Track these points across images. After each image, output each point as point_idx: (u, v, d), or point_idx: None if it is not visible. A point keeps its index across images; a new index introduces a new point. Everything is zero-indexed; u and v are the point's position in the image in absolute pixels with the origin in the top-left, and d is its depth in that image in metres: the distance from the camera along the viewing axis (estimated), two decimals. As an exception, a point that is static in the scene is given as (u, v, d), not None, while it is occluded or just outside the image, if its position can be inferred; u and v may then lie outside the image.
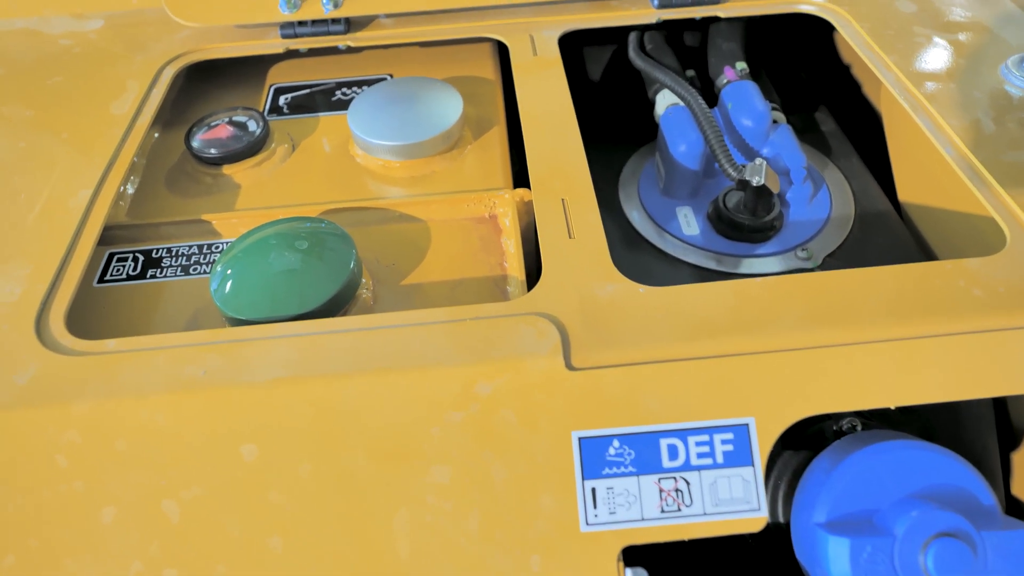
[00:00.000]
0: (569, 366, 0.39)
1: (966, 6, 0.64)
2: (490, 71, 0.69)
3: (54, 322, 0.43)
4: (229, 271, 0.46)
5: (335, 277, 0.45)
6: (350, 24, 0.65)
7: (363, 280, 0.48)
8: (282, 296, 0.44)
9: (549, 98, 0.57)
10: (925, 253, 0.59)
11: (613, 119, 0.73)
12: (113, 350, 0.41)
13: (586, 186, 0.49)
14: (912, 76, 0.57)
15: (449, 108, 0.58)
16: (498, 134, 0.61)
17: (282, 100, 0.66)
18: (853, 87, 0.73)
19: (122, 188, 0.52)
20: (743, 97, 0.63)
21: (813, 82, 0.79)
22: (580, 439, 0.38)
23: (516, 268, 0.49)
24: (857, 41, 0.62)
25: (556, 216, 0.47)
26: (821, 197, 0.64)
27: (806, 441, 0.46)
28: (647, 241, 0.61)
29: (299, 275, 0.45)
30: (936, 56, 0.60)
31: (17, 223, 0.49)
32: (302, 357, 0.40)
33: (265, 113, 0.65)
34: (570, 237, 0.46)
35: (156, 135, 0.62)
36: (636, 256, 0.61)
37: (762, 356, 0.39)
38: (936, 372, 0.39)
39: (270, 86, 0.68)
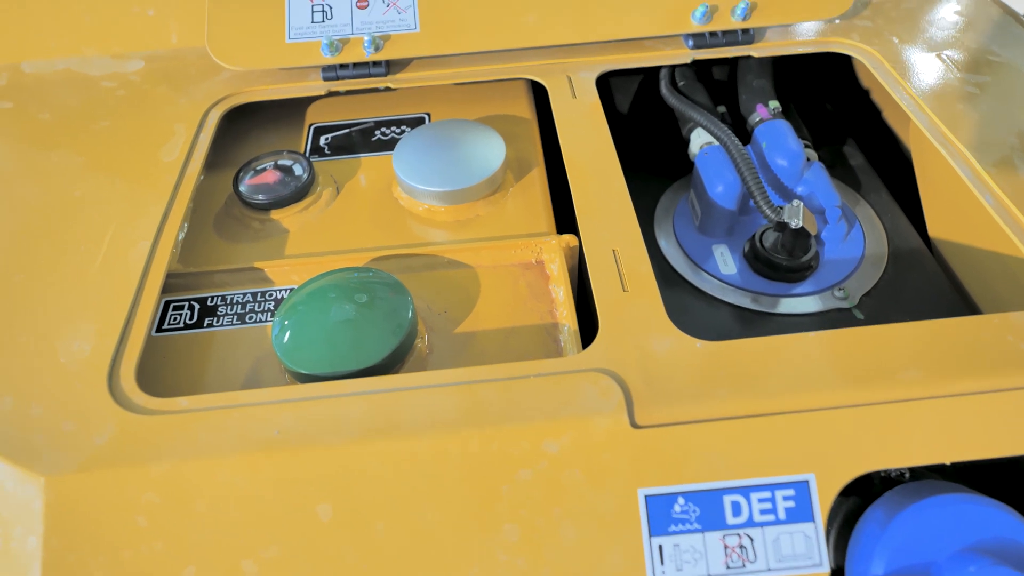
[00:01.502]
0: (633, 424, 0.40)
1: (998, 48, 0.66)
2: (526, 109, 0.70)
3: (125, 379, 0.44)
4: (291, 324, 0.47)
5: (395, 331, 0.46)
6: (390, 66, 0.66)
7: (418, 330, 0.49)
8: (344, 350, 0.45)
9: (592, 144, 0.58)
10: (959, 293, 0.60)
11: (643, 151, 0.74)
12: (186, 408, 0.42)
13: (635, 236, 0.51)
14: (944, 117, 0.58)
15: (492, 153, 0.59)
16: (538, 176, 0.62)
17: (323, 140, 0.67)
18: (881, 123, 0.74)
19: (178, 236, 0.53)
20: (777, 136, 0.65)
21: (839, 114, 0.80)
22: (646, 496, 0.39)
23: (568, 317, 0.50)
24: (889, 81, 0.63)
25: (608, 268, 0.49)
26: (855, 235, 0.65)
27: (853, 486, 0.48)
28: (684, 280, 0.63)
29: (360, 329, 0.46)
30: (967, 97, 0.61)
31: (80, 276, 0.50)
32: (373, 416, 0.41)
33: (307, 154, 0.66)
34: (624, 290, 0.47)
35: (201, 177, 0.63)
36: (674, 294, 0.62)
37: (820, 413, 0.40)
38: (992, 427, 0.40)
39: (310, 125, 0.69)
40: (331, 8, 0.65)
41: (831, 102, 0.81)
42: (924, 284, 0.62)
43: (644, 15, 0.66)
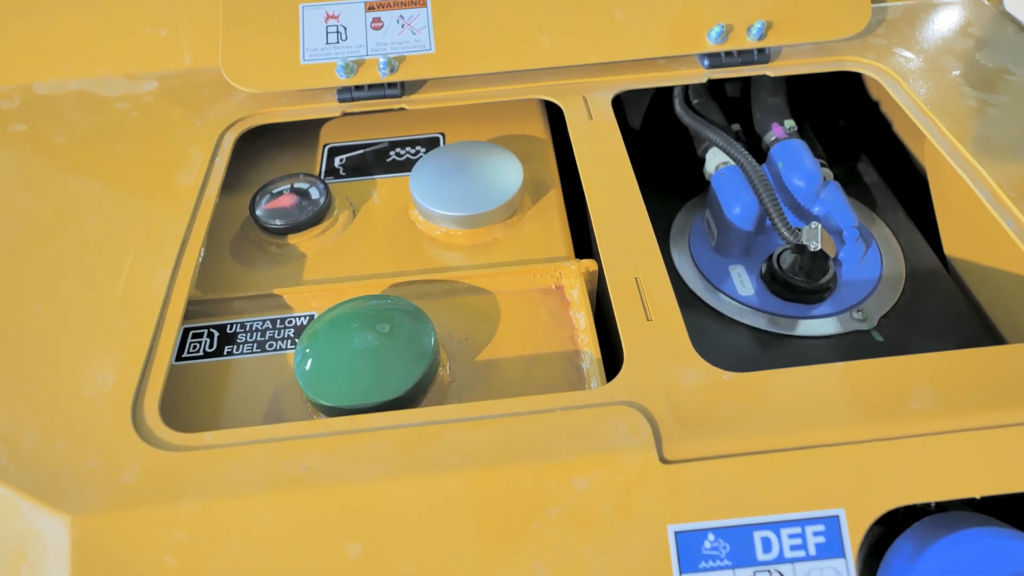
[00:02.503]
0: (662, 459, 0.40)
1: (1013, 66, 0.65)
2: (540, 129, 0.70)
3: (149, 413, 0.44)
4: (314, 355, 0.47)
5: (418, 362, 0.46)
6: (404, 87, 0.66)
7: (440, 358, 0.49)
8: (368, 382, 0.45)
9: (610, 168, 0.58)
10: (978, 315, 0.60)
11: (655, 168, 0.74)
12: (212, 444, 0.42)
13: (657, 263, 0.50)
14: (961, 136, 0.58)
15: (510, 176, 0.59)
16: (555, 199, 0.62)
17: (337, 161, 0.67)
18: (896, 141, 0.74)
19: (197, 263, 0.53)
20: (793, 156, 0.64)
21: (852, 131, 0.80)
22: (676, 533, 0.39)
23: (590, 344, 0.50)
24: (905, 100, 0.63)
25: (631, 297, 0.48)
26: (871, 255, 0.65)
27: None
28: (702, 301, 0.63)
29: (383, 359, 0.46)
30: (984, 116, 0.61)
31: (100, 307, 0.49)
32: (401, 452, 0.41)
33: (322, 175, 0.66)
34: (648, 320, 0.47)
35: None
36: (692, 316, 0.62)
37: (849, 447, 0.40)
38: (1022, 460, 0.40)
39: (324, 146, 0.69)
40: (345, 29, 0.65)
41: (843, 117, 0.81)
42: (943, 305, 0.61)
43: (659, 35, 0.66)
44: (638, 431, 0.41)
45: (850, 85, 0.79)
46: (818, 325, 0.60)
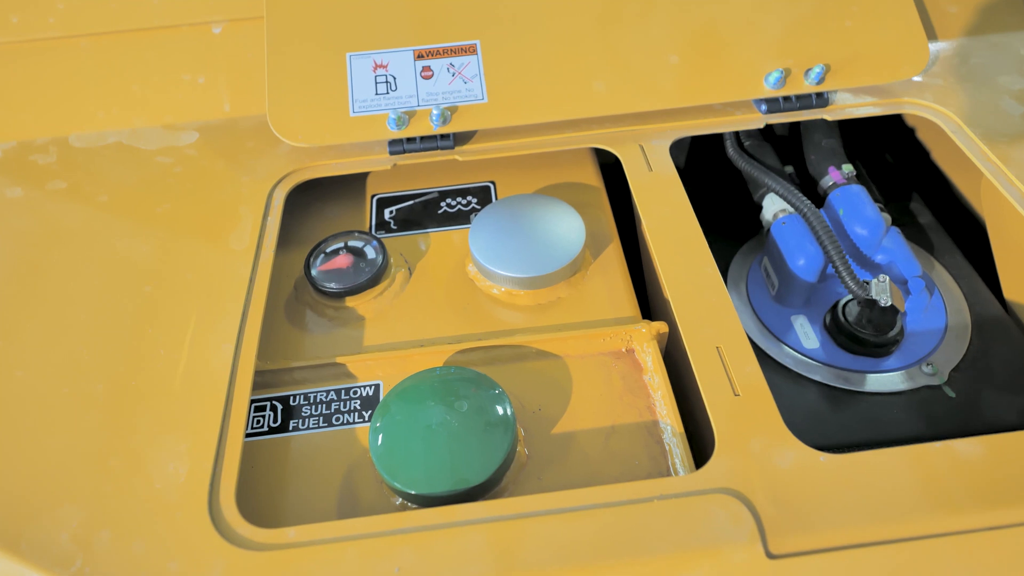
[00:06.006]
0: (768, 554, 0.38)
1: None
2: (592, 176, 0.68)
3: (226, 505, 0.42)
4: (390, 438, 0.45)
5: (500, 445, 0.45)
6: (456, 137, 0.64)
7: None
8: (450, 467, 0.44)
9: (677, 224, 0.56)
10: (1050, 366, 0.59)
11: (702, 209, 0.73)
12: (295, 542, 0.40)
13: (737, 330, 0.49)
14: None
15: (572, 235, 0.57)
16: (615, 254, 0.61)
17: (387, 214, 0.65)
18: (949, 181, 0.73)
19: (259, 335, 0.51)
20: (856, 204, 0.63)
21: (903, 169, 0.79)
22: (787, 633, 0.37)
23: (669, 414, 0.49)
24: (966, 143, 0.62)
25: (715, 369, 0.47)
26: (935, 303, 0.64)
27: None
28: (766, 354, 0.61)
29: (465, 442, 0.45)
30: None
31: (164, 386, 0.48)
32: (496, 550, 0.39)
33: (373, 229, 0.64)
34: (736, 395, 0.46)
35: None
36: (756, 370, 0.60)
37: (963, 537, 0.39)
38: None
39: (372, 196, 0.67)
40: (395, 79, 0.63)
41: (891, 153, 0.80)
42: (1013, 355, 0.60)
43: (716, 81, 0.64)
44: (741, 523, 0.39)
45: (899, 123, 0.77)
46: (888, 380, 0.59)
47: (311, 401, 0.52)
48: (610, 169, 0.70)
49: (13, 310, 0.53)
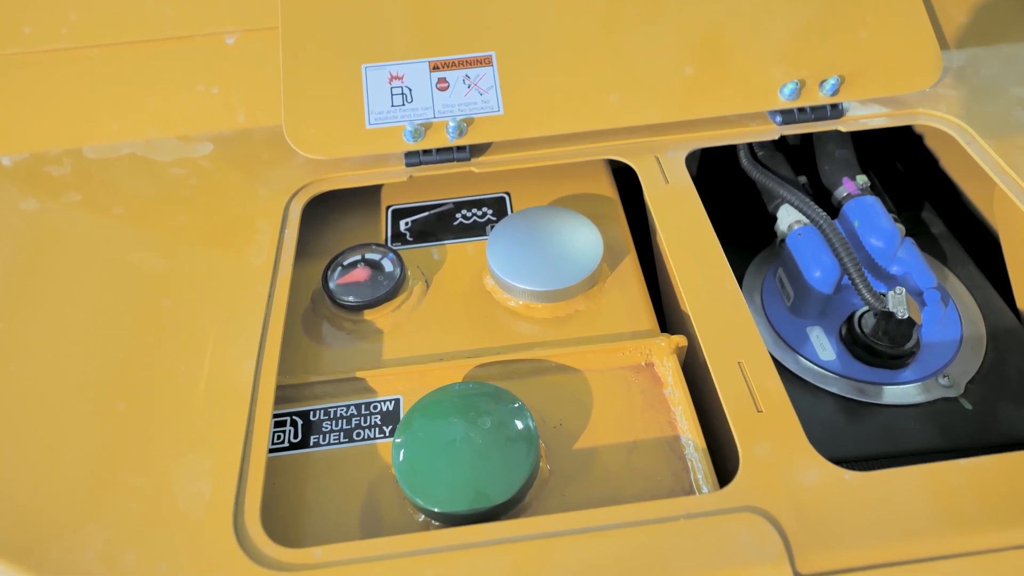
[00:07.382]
0: (796, 573, 0.39)
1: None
2: (607, 187, 0.68)
3: (251, 523, 0.42)
4: (413, 455, 0.45)
5: (524, 462, 0.45)
6: (472, 149, 0.64)
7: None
8: (475, 485, 0.44)
9: (694, 237, 0.56)
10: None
11: (714, 219, 0.73)
12: (322, 562, 0.40)
13: (758, 345, 0.49)
14: None
15: (590, 248, 0.57)
16: (631, 266, 0.61)
17: (403, 225, 0.65)
18: (961, 192, 0.73)
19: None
20: (871, 215, 0.63)
21: (913, 178, 0.79)
22: (817, 653, 0.37)
23: (691, 429, 0.49)
24: (981, 155, 0.62)
25: (737, 385, 0.47)
26: (950, 314, 0.64)
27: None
28: (783, 366, 0.61)
29: (489, 460, 0.45)
30: None
31: (186, 403, 0.48)
32: (521, 571, 0.39)
33: (388, 241, 0.64)
34: (759, 411, 0.46)
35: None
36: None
37: (994, 555, 0.39)
38: None
39: (387, 208, 0.67)
40: (411, 90, 0.63)
41: (903, 163, 0.80)
42: (1028, 368, 0.60)
43: (731, 92, 0.64)
44: (768, 542, 0.39)
45: (908, 132, 0.78)
46: (904, 392, 0.59)
47: (331, 416, 0.52)
48: (618, 178, 0.70)
49: (30, 326, 0.53)
